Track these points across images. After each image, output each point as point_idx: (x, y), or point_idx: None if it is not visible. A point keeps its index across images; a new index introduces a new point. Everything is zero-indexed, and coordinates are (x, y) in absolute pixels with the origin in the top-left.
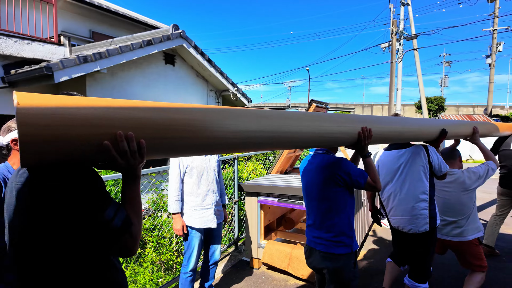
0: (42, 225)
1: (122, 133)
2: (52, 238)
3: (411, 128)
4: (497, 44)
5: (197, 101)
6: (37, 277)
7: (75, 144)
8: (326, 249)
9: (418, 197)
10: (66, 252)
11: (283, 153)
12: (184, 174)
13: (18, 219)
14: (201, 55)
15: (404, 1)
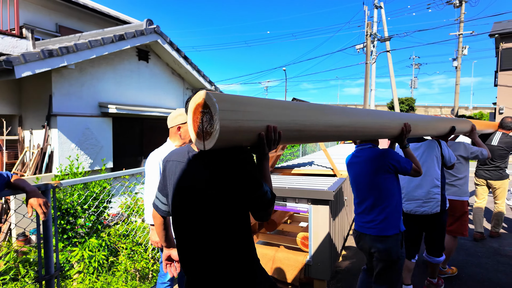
0: (221, 193)
1: (272, 126)
2: (226, 204)
3: (434, 125)
4: (463, 48)
5: (172, 99)
6: (212, 236)
7: (247, 133)
8: (377, 232)
9: (433, 183)
10: (235, 216)
11: None
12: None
13: (195, 190)
14: (177, 52)
15: (377, 4)
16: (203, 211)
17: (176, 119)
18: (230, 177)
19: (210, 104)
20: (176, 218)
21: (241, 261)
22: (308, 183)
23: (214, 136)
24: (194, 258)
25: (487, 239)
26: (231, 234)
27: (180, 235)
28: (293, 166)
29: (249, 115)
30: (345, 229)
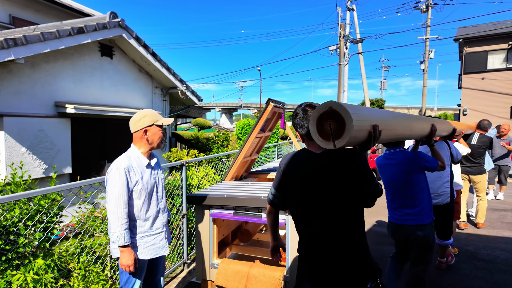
0: (348, 185)
1: (377, 125)
2: (352, 195)
3: (446, 127)
4: (429, 52)
5: (140, 98)
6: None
7: (363, 132)
8: (416, 222)
9: (444, 178)
10: (357, 205)
11: (239, 157)
12: (131, 193)
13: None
14: (144, 48)
15: (350, 7)
16: (334, 202)
17: (140, 121)
18: (354, 171)
19: (341, 111)
20: (304, 211)
21: (360, 248)
22: None
23: (346, 135)
24: (321, 244)
25: (462, 242)
26: (354, 221)
27: (308, 225)
28: (268, 170)
29: (363, 117)
30: None
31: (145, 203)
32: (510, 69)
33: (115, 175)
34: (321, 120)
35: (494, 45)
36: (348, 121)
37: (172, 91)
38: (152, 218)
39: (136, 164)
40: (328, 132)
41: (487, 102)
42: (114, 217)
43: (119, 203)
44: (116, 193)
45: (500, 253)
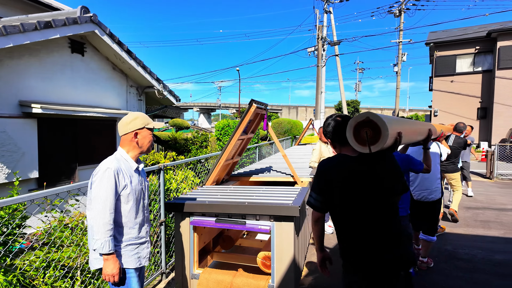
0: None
1: (401, 132)
2: (392, 190)
3: (435, 130)
4: (402, 55)
5: (114, 98)
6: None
7: (392, 138)
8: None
9: (436, 176)
10: (395, 201)
11: (220, 160)
12: (118, 198)
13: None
14: (118, 45)
15: (327, 9)
16: (378, 198)
17: (131, 124)
18: (392, 169)
19: (377, 121)
20: (351, 209)
21: (401, 238)
22: (269, 195)
23: (381, 142)
24: (370, 238)
25: (441, 241)
26: (394, 215)
27: (355, 222)
28: (250, 173)
29: (392, 126)
30: (307, 241)
31: (133, 209)
32: (476, 73)
33: (102, 177)
34: (358, 128)
35: (462, 50)
36: (384, 129)
37: (148, 90)
38: (138, 225)
39: (125, 167)
40: (364, 138)
41: (456, 103)
42: (99, 223)
43: (105, 207)
44: (103, 196)
45: (477, 252)
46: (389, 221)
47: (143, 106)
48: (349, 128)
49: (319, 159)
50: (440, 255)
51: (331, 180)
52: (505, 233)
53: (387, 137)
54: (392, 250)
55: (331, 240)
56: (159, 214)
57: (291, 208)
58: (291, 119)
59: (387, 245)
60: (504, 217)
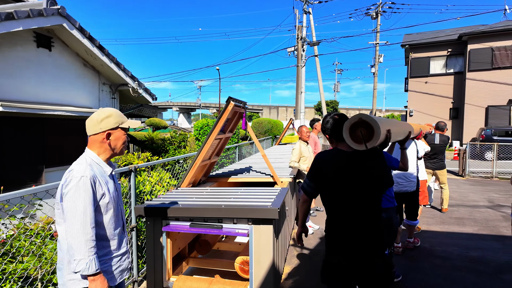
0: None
1: (390, 129)
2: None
3: (415, 129)
4: (379, 56)
5: (85, 96)
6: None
7: (383, 135)
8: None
9: (413, 170)
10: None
11: (197, 161)
12: (96, 208)
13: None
14: (90, 40)
15: (306, 10)
16: (366, 189)
17: (102, 123)
18: (381, 165)
19: (370, 121)
20: (341, 198)
21: (379, 225)
22: (247, 197)
23: (375, 139)
24: (355, 223)
25: (418, 240)
26: (377, 204)
27: (345, 211)
28: (229, 174)
29: (382, 125)
30: (287, 243)
31: (112, 219)
32: (449, 74)
33: (78, 187)
34: (353, 128)
35: (435, 52)
36: (376, 128)
37: (122, 88)
38: (119, 235)
39: (99, 173)
40: (359, 136)
41: (430, 104)
42: (81, 240)
43: (86, 222)
44: (80, 209)
45: (454, 249)
46: (372, 209)
47: (117, 105)
48: (345, 129)
49: (299, 159)
50: (418, 254)
51: (325, 170)
52: (479, 230)
53: (379, 134)
54: (371, 235)
55: (311, 241)
56: (129, 219)
57: (269, 210)
58: (272, 119)
59: (367, 230)
60: (477, 214)
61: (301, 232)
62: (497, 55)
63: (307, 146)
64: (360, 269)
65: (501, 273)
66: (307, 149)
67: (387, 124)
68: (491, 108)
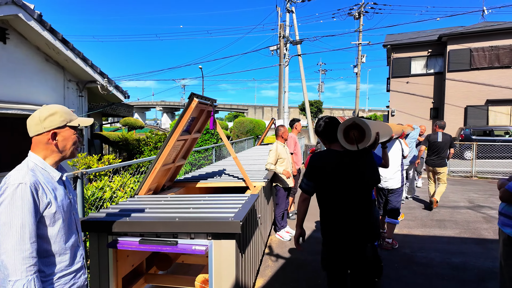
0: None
1: (378, 132)
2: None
3: (397, 129)
4: (362, 56)
5: (48, 93)
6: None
7: (372, 137)
8: None
9: (398, 168)
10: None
11: (156, 165)
12: (39, 220)
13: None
14: (51, 33)
15: (289, 9)
16: (358, 185)
17: (46, 121)
18: (370, 163)
19: (362, 124)
20: (338, 194)
21: (372, 218)
22: (210, 206)
23: (366, 140)
24: (349, 216)
25: (399, 243)
26: (368, 199)
27: (341, 206)
28: (199, 178)
29: (372, 128)
30: (259, 253)
31: (62, 231)
32: (429, 75)
33: (14, 197)
34: (347, 130)
35: (416, 52)
36: (368, 130)
37: (90, 85)
38: (71, 249)
39: (44, 179)
40: (352, 138)
41: (412, 104)
42: (17, 258)
43: (24, 237)
44: (17, 222)
45: (435, 255)
46: (364, 204)
47: (85, 103)
48: (339, 131)
49: (276, 160)
50: (399, 261)
51: (323, 169)
52: (460, 233)
53: (370, 136)
54: (363, 227)
55: (288, 249)
56: None
57: (231, 224)
58: (254, 119)
59: (358, 224)
60: (458, 215)
61: (299, 235)
62: (475, 56)
63: (285, 147)
64: (353, 254)
65: (484, 281)
66: (285, 150)
67: (376, 127)
68: (469, 108)
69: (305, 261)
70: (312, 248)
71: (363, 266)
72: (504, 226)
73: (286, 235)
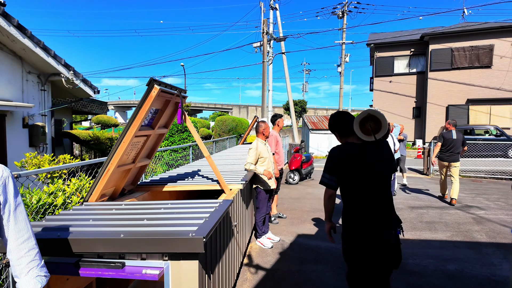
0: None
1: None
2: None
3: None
4: (345, 56)
5: (3, 86)
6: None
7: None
8: None
9: None
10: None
11: (109, 166)
12: None
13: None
14: (4, 18)
15: (273, 5)
16: (381, 175)
17: None
18: (387, 152)
19: (377, 115)
20: (363, 184)
21: (393, 206)
22: (168, 217)
23: (382, 130)
24: (375, 205)
25: None
26: (389, 188)
27: (367, 196)
28: (169, 180)
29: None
30: (235, 267)
31: None
32: (412, 74)
33: None
34: (362, 123)
35: (399, 52)
36: (383, 120)
37: (54, 79)
38: None
39: None
40: (368, 129)
41: (394, 103)
42: None
43: None
44: None
45: (428, 262)
46: (385, 193)
47: (48, 98)
48: (355, 123)
49: (256, 160)
50: None
51: (346, 161)
52: (452, 236)
53: (386, 126)
54: (387, 215)
55: (269, 258)
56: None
57: (192, 241)
58: (236, 117)
59: (383, 212)
60: (447, 216)
61: (330, 228)
62: (456, 56)
63: (266, 145)
64: (380, 241)
65: None
66: (266, 148)
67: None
68: (451, 107)
69: (287, 272)
70: (297, 256)
71: (387, 253)
72: None
73: (267, 242)
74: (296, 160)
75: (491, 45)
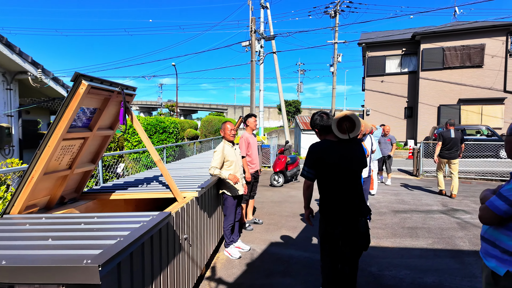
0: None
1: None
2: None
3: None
4: (338, 55)
5: None
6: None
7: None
8: None
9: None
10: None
11: (33, 173)
12: None
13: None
14: None
15: (263, 4)
16: (353, 170)
17: None
18: (360, 150)
19: (353, 117)
20: (337, 178)
21: (363, 197)
22: (81, 236)
23: (356, 130)
24: (347, 197)
25: (365, 259)
26: (360, 181)
27: (340, 187)
28: (120, 187)
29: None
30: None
31: None
32: (403, 73)
33: None
34: (340, 122)
35: (390, 51)
36: (357, 122)
37: (22, 77)
38: None
39: None
40: (344, 128)
41: (386, 103)
42: None
43: None
44: None
45: (405, 274)
46: (356, 184)
47: (15, 97)
48: (333, 122)
49: (222, 163)
50: (364, 284)
51: (325, 157)
52: (433, 243)
53: (360, 127)
54: (357, 204)
55: (235, 270)
56: None
57: (86, 269)
58: (224, 117)
59: (353, 201)
60: (431, 221)
61: (309, 213)
62: (448, 55)
63: (233, 148)
64: (349, 226)
65: None
66: (233, 151)
67: (360, 120)
68: (442, 107)
69: (250, 287)
70: (265, 267)
71: (356, 237)
72: (487, 257)
73: (235, 252)
74: (281, 162)
75: (482, 45)
